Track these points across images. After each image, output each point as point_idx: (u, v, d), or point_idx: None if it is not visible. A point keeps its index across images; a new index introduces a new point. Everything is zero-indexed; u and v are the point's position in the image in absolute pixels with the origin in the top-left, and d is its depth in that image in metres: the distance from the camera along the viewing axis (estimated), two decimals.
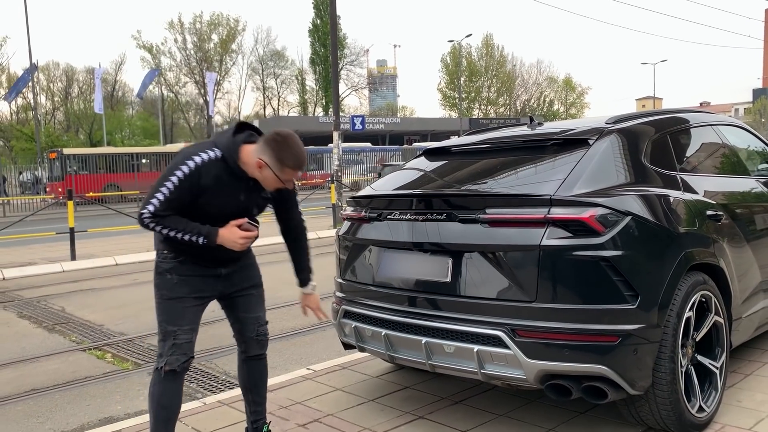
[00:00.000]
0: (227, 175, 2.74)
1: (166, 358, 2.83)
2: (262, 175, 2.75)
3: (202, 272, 2.88)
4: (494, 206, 3.08)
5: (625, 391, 2.91)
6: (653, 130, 3.62)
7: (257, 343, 3.10)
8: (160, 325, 2.87)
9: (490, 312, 3.01)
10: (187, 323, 2.85)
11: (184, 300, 2.84)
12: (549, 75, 73.81)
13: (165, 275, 2.86)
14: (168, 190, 2.67)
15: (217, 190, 2.73)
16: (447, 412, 3.64)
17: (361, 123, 38.30)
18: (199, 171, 2.69)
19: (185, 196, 2.69)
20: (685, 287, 3.11)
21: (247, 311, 3.05)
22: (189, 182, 2.68)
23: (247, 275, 3.04)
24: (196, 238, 2.71)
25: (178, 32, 58.00)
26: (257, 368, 3.15)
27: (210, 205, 2.75)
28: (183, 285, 2.84)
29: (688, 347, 3.21)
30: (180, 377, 2.89)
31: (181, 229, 2.70)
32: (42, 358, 5.47)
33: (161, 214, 2.68)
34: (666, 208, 3.19)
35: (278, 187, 2.84)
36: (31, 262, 10.67)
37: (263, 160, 2.70)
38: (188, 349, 2.86)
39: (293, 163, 2.72)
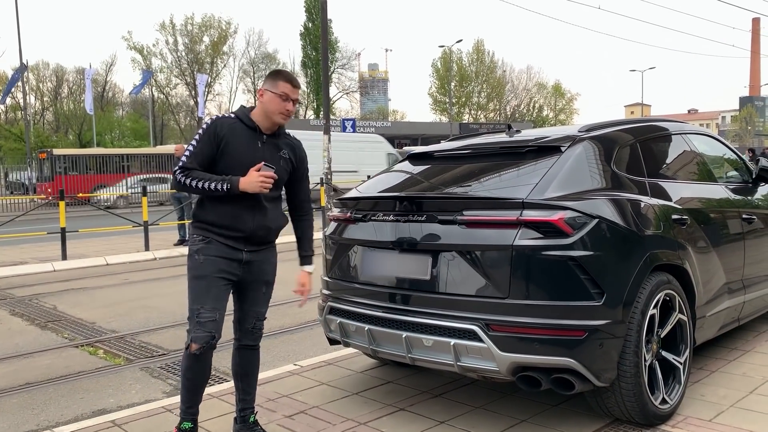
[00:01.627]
0: (242, 128, 3.14)
1: (191, 335, 3.07)
2: (264, 103, 3.13)
3: (227, 254, 3.12)
4: (471, 208, 3.28)
5: (591, 383, 3.10)
6: (624, 138, 3.82)
7: (251, 335, 3.33)
8: (189, 304, 3.12)
9: (467, 308, 3.19)
10: (210, 302, 3.07)
11: (208, 278, 3.08)
12: (539, 81, 74.43)
13: (193, 257, 3.14)
14: (193, 146, 3.10)
15: (234, 139, 3.10)
16: (427, 405, 3.82)
17: (352, 126, 38.54)
18: (215, 124, 3.12)
19: (207, 147, 3.08)
20: (649, 286, 3.31)
21: (252, 305, 3.30)
22: (208, 134, 3.10)
23: (264, 269, 3.28)
24: (221, 186, 3.02)
25: (169, 34, 58.05)
26: (249, 357, 3.37)
27: (231, 156, 3.09)
28: (208, 264, 3.09)
29: (652, 343, 3.41)
30: (205, 356, 3.12)
31: (207, 179, 3.04)
32: (35, 354, 5.60)
33: (189, 167, 3.06)
34: (633, 212, 3.39)
35: (282, 110, 3.12)
36: (22, 262, 10.75)
37: (263, 88, 3.15)
38: (212, 327, 3.07)
39: (284, 77, 3.15)
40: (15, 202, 26.25)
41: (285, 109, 3.14)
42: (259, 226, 3.18)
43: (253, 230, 3.16)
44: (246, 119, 3.17)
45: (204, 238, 3.14)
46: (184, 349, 3.16)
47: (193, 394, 3.21)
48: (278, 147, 3.24)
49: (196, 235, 3.17)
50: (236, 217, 3.13)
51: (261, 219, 3.18)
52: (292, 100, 3.16)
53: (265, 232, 3.22)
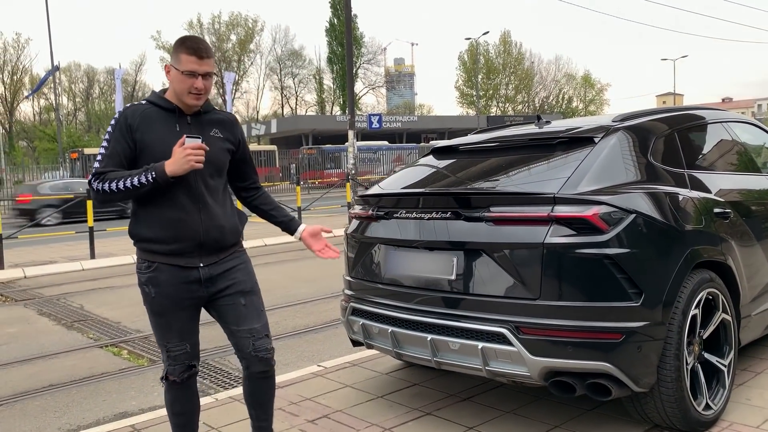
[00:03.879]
0: (157, 113, 2.66)
1: (166, 368, 2.79)
2: (172, 82, 2.63)
3: (180, 278, 2.65)
4: (499, 204, 3.10)
5: (629, 389, 2.92)
6: (661, 127, 3.61)
7: (258, 360, 2.77)
8: (154, 335, 2.81)
9: (495, 309, 3.03)
10: (175, 337, 2.73)
11: (166, 314, 2.69)
12: (567, 72, 73.42)
13: (143, 288, 2.70)
14: (104, 148, 2.62)
15: (150, 127, 2.62)
16: (454, 409, 3.67)
17: (378, 121, 38.45)
18: (125, 115, 2.63)
19: (120, 144, 2.60)
20: (691, 285, 3.11)
21: (238, 323, 2.75)
22: (119, 130, 2.61)
23: (233, 278, 2.75)
24: (144, 177, 2.51)
25: (197, 32, 58.52)
26: (262, 386, 2.86)
27: (151, 147, 2.60)
28: (162, 298, 2.66)
29: (694, 345, 3.21)
30: (188, 384, 2.82)
31: (126, 176, 2.54)
32: (60, 355, 5.59)
33: (103, 170, 2.57)
34: (672, 206, 3.19)
35: (190, 89, 2.60)
36: (51, 261, 10.86)
37: (168, 64, 2.64)
38: (186, 358, 2.76)
39: (186, 46, 2.59)
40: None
41: (194, 87, 2.59)
42: (210, 226, 2.65)
43: (204, 233, 2.64)
44: (161, 101, 2.67)
45: (150, 264, 2.65)
46: (161, 381, 2.84)
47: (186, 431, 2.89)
48: (208, 127, 2.71)
49: (140, 260, 2.69)
50: (179, 223, 2.60)
51: (209, 218, 2.65)
52: (201, 75, 2.59)
53: (218, 233, 2.68)
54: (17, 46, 57.86)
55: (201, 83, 2.60)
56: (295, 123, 48.73)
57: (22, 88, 59.15)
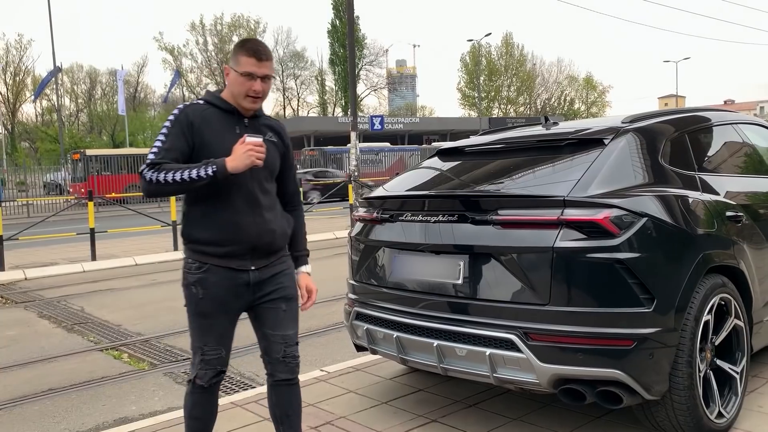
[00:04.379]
0: (216, 114, 2.64)
1: (196, 371, 2.71)
2: (230, 84, 2.63)
3: (231, 280, 2.63)
4: (507, 207, 3.04)
5: (640, 396, 2.85)
6: (671, 129, 3.55)
7: (285, 366, 2.75)
8: (191, 337, 2.73)
9: (503, 315, 2.96)
10: (214, 341, 2.67)
11: (210, 316, 2.65)
12: (569, 73, 73.31)
13: (191, 289, 2.65)
14: (160, 141, 2.56)
15: (209, 128, 2.60)
16: (460, 416, 3.60)
17: (380, 123, 38.30)
18: (186, 113, 2.60)
19: (180, 140, 2.56)
20: (703, 290, 3.04)
21: (274, 328, 2.73)
22: (179, 126, 2.57)
23: (279, 282, 2.74)
24: (204, 171, 2.47)
25: (199, 34, 58.59)
26: (287, 396, 2.79)
27: (210, 149, 2.57)
28: (209, 301, 2.63)
29: (706, 351, 3.14)
30: (212, 390, 2.76)
31: (183, 168, 2.49)
32: (60, 358, 5.52)
33: (158, 161, 2.51)
34: (684, 209, 3.12)
35: (248, 92, 2.59)
36: (52, 262, 10.79)
37: (227, 65, 2.64)
38: (218, 363, 2.71)
39: (247, 48, 2.59)
40: (49, 203, 26.62)
41: (252, 90, 2.58)
42: (263, 230, 2.65)
43: (257, 236, 2.63)
44: (220, 102, 2.65)
45: (201, 265, 2.62)
46: (188, 383, 2.78)
47: None
48: (262, 131, 2.69)
49: (190, 260, 2.65)
50: (234, 225, 2.60)
51: (263, 221, 2.65)
52: (260, 78, 2.59)
53: (270, 237, 2.68)
54: (19, 47, 57.92)
55: (260, 86, 2.60)
56: (297, 124, 48.67)
57: (24, 89, 59.21)
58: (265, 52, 2.61)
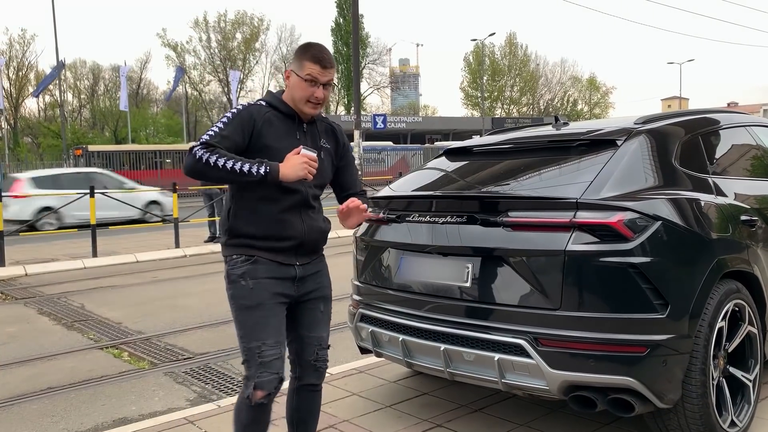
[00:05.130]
0: (277, 116, 2.59)
1: (255, 381, 2.46)
2: (291, 88, 2.59)
3: (278, 273, 2.56)
4: (517, 209, 2.97)
5: (653, 405, 2.78)
6: (684, 130, 3.47)
7: (314, 370, 2.69)
8: (242, 343, 2.53)
9: (512, 319, 2.89)
10: (272, 335, 2.50)
11: (264, 306, 2.51)
12: (573, 74, 73.07)
13: (239, 282, 2.54)
14: (220, 126, 2.49)
15: (270, 131, 2.55)
16: (465, 421, 3.53)
17: (383, 122, 38.36)
18: (249, 111, 2.55)
19: (238, 133, 2.49)
20: (717, 296, 2.97)
21: (310, 329, 2.67)
22: (240, 119, 2.51)
23: (319, 282, 2.72)
24: (256, 168, 2.39)
25: (202, 31, 58.40)
26: (310, 401, 2.73)
27: (270, 148, 2.52)
28: (260, 290, 2.52)
29: (720, 358, 3.07)
30: (270, 404, 2.55)
31: (237, 159, 2.40)
32: (59, 356, 5.45)
33: (214, 144, 2.42)
34: (698, 213, 3.05)
35: (309, 97, 2.56)
36: (53, 258, 10.73)
37: (289, 69, 2.60)
38: (279, 367, 2.50)
39: (311, 54, 2.54)
40: None
41: (313, 96, 2.55)
42: (311, 228, 2.62)
43: (305, 234, 2.59)
44: (282, 106, 2.60)
45: (248, 257, 2.54)
46: (244, 399, 2.51)
47: None
48: (318, 136, 2.68)
49: (236, 255, 2.56)
50: (283, 223, 2.55)
51: (311, 221, 2.63)
52: (322, 84, 2.55)
53: (318, 236, 2.66)
54: (23, 42, 57.77)
55: (321, 92, 2.57)
56: None
57: (27, 85, 59.17)
58: (329, 60, 2.57)
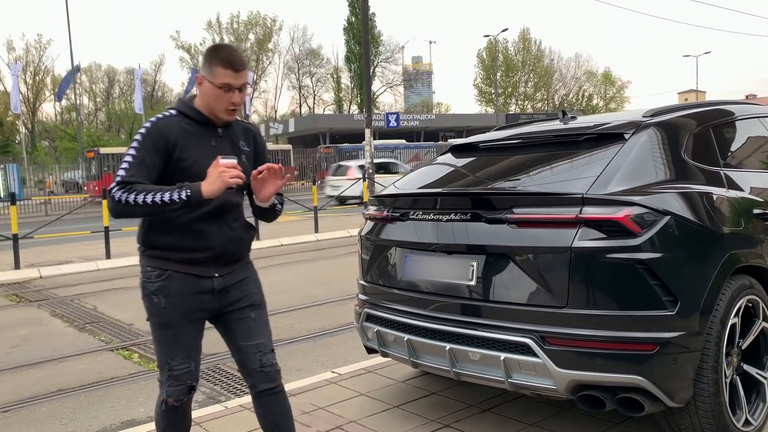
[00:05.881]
0: (190, 125, 2.48)
1: (165, 389, 2.57)
2: (205, 95, 2.46)
3: (194, 287, 2.50)
4: (522, 205, 2.91)
5: (663, 404, 2.72)
6: (695, 123, 3.39)
7: (264, 376, 2.62)
8: (156, 352, 2.60)
9: (518, 318, 2.84)
10: (181, 353, 2.53)
11: (175, 326, 2.50)
12: (588, 69, 72.59)
13: (152, 298, 2.51)
14: (131, 156, 2.39)
15: (186, 140, 2.45)
16: (474, 421, 3.48)
17: (396, 120, 38.25)
18: (158, 126, 2.44)
19: (152, 156, 2.39)
20: (729, 292, 2.89)
21: (246, 338, 2.60)
22: (151, 140, 2.40)
23: (245, 290, 2.63)
24: (177, 195, 2.31)
25: (216, 32, 58.78)
26: (273, 405, 2.65)
27: (186, 160, 2.44)
28: (173, 309, 2.49)
29: (733, 356, 2.99)
30: (188, 404, 2.66)
31: (156, 190, 2.33)
32: (70, 358, 5.47)
33: (130, 180, 2.34)
34: (709, 207, 2.98)
35: (227, 105, 2.45)
36: (67, 261, 10.79)
37: (200, 75, 2.46)
38: (188, 378, 2.56)
39: (221, 59, 2.40)
40: (66, 201, 26.78)
41: (230, 103, 2.44)
42: (230, 238, 2.53)
43: (223, 245, 2.51)
44: (194, 113, 2.49)
45: (161, 272, 2.47)
46: (159, 402, 2.61)
47: None
48: (235, 140, 2.58)
49: (150, 267, 2.49)
50: (199, 233, 2.45)
51: (229, 230, 2.53)
52: (237, 89, 2.43)
53: (237, 246, 2.57)
54: (39, 47, 58.49)
55: (238, 97, 2.45)
56: (313, 122, 48.69)
57: (44, 89, 59.82)
58: (241, 62, 2.44)
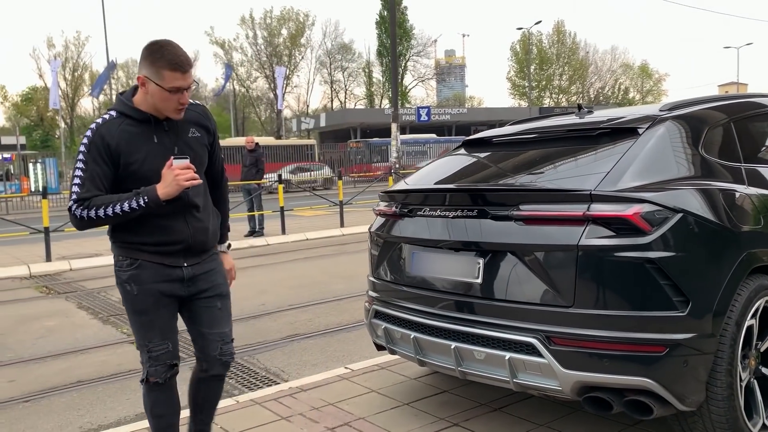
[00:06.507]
0: (131, 125, 2.51)
1: (146, 369, 2.69)
2: (150, 96, 2.47)
3: (164, 276, 2.61)
4: (529, 202, 2.84)
5: (673, 407, 2.63)
6: (715, 116, 3.27)
7: (221, 364, 2.80)
8: (134, 336, 2.74)
9: (524, 317, 2.77)
10: (157, 335, 2.66)
11: (149, 311, 2.62)
12: (624, 61, 71.28)
13: (125, 286, 2.62)
14: (80, 170, 2.46)
15: (129, 143, 2.49)
16: (484, 420, 3.43)
17: (427, 114, 38.10)
18: (99, 134, 2.47)
19: (101, 166, 2.46)
20: (746, 292, 2.78)
21: (211, 326, 2.75)
22: (95, 149, 2.46)
23: (213, 280, 2.74)
24: (136, 202, 2.44)
25: (249, 28, 59.25)
26: (216, 389, 2.90)
27: (134, 163, 2.49)
28: (145, 296, 2.60)
29: (750, 358, 2.89)
30: (169, 385, 2.76)
31: (115, 201, 2.44)
32: (92, 350, 5.56)
33: (86, 196, 2.44)
34: (725, 204, 2.87)
35: (176, 107, 2.50)
36: (97, 253, 10.97)
37: (143, 75, 2.46)
38: (167, 358, 2.69)
39: (168, 62, 2.41)
40: None
41: (179, 104, 2.49)
42: (197, 230, 2.64)
43: (191, 236, 2.62)
44: (134, 112, 2.51)
45: (132, 261, 2.58)
46: (142, 383, 2.75)
47: None
48: (185, 128, 2.62)
49: (122, 257, 2.61)
50: (167, 229, 2.57)
51: (196, 222, 2.64)
52: (185, 90, 2.47)
53: (204, 236, 2.68)
54: (78, 43, 59.82)
55: (186, 97, 2.51)
56: (344, 116, 48.83)
57: (82, 84, 61.14)
58: (188, 62, 2.47)
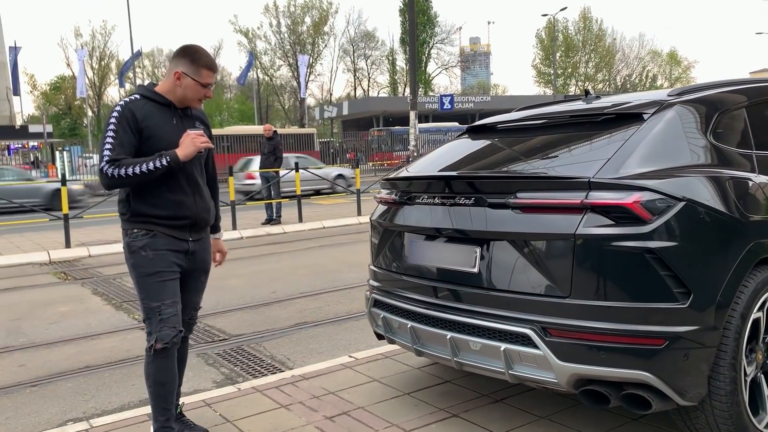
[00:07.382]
0: (154, 107, 2.94)
1: (156, 334, 2.90)
2: (183, 88, 2.94)
3: (174, 246, 2.97)
4: (527, 190, 2.76)
5: (673, 402, 2.55)
6: (726, 102, 3.15)
7: (188, 327, 3.22)
8: (143, 304, 2.95)
9: (520, 307, 2.71)
10: (169, 296, 2.93)
11: (163, 273, 2.92)
12: (652, 49, 69.93)
13: (140, 253, 2.92)
14: (111, 138, 2.82)
15: (153, 121, 2.90)
16: (484, 411, 3.37)
17: (450, 102, 37.69)
18: (129, 108, 2.87)
19: (129, 134, 2.84)
20: (753, 284, 2.68)
21: (191, 295, 3.16)
22: (126, 121, 2.84)
23: (204, 259, 3.16)
24: (159, 162, 2.81)
25: (272, 16, 59.19)
26: (182, 349, 3.21)
27: (156, 139, 2.89)
28: (159, 259, 2.91)
29: (757, 352, 2.79)
30: (172, 353, 2.98)
31: (141, 161, 2.81)
32: (102, 336, 5.61)
33: (116, 158, 2.79)
34: (732, 193, 2.76)
35: (201, 97, 2.99)
36: (116, 240, 11.08)
37: (180, 71, 2.92)
38: (176, 322, 2.94)
39: (206, 62, 2.95)
40: None
41: (204, 96, 3.01)
42: (202, 207, 3.05)
43: (197, 213, 3.02)
44: (158, 97, 2.97)
45: (147, 231, 2.94)
46: (146, 352, 2.95)
47: (168, 403, 3.02)
48: (192, 120, 3.07)
49: (137, 229, 2.95)
50: (180, 204, 2.96)
51: (201, 201, 3.05)
52: (212, 85, 3.04)
53: (207, 214, 3.09)
54: (104, 32, 60.41)
55: (211, 92, 3.05)
56: (366, 105, 48.68)
57: (109, 73, 61.76)
58: (216, 65, 3.07)
